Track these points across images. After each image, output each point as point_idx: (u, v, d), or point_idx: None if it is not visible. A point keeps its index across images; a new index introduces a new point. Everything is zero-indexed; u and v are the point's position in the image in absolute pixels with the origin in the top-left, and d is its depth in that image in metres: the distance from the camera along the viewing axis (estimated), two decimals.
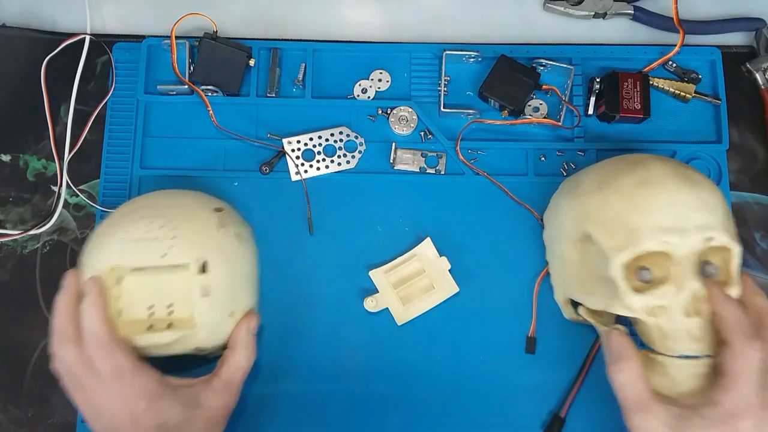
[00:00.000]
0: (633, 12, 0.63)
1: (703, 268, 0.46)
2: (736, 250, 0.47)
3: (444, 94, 0.60)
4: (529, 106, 0.60)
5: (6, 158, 0.61)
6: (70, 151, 0.60)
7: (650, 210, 0.46)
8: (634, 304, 0.46)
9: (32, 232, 0.59)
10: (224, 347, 0.51)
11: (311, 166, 0.59)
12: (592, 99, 0.60)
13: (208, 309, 0.48)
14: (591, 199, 0.49)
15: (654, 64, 0.61)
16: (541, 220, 0.58)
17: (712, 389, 0.44)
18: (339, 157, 0.59)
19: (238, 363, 0.50)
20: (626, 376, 0.45)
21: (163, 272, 0.48)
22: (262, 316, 0.56)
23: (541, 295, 0.56)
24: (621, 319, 0.51)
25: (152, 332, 0.48)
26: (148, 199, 0.53)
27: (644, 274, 0.46)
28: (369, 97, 0.61)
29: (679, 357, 0.46)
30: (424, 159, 0.60)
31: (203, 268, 0.49)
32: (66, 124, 0.61)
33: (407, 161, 0.59)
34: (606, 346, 0.48)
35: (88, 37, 0.62)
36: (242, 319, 0.51)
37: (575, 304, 0.54)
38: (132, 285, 0.48)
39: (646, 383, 0.44)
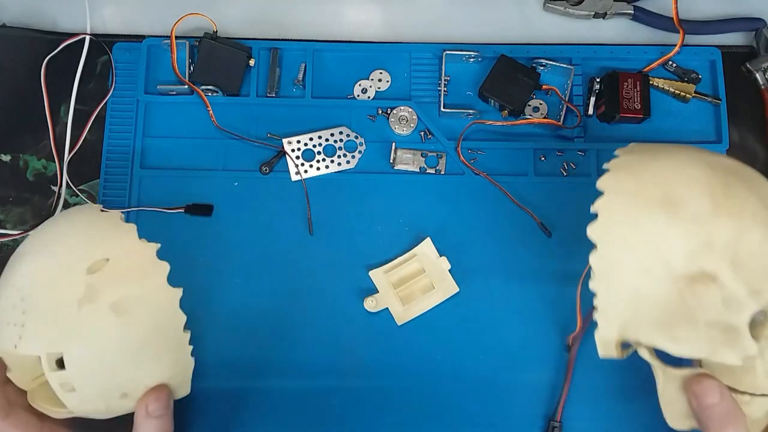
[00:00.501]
0: (633, 12, 0.63)
1: None
2: None
3: (444, 94, 0.60)
4: (529, 106, 0.60)
5: (6, 158, 0.61)
6: (70, 151, 0.60)
7: None
8: (752, 352, 0.39)
9: (32, 232, 0.59)
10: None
11: (311, 166, 0.59)
12: (592, 99, 0.60)
13: (80, 402, 0.42)
14: (715, 227, 0.39)
15: (654, 64, 0.61)
16: (542, 224, 0.57)
17: None
18: (339, 157, 0.59)
19: None
20: None
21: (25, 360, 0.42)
22: (261, 317, 0.56)
23: (539, 299, 0.56)
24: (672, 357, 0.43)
25: (56, 405, 0.43)
26: (20, 256, 0.44)
27: (760, 316, 0.40)
28: (369, 97, 0.61)
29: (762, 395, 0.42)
30: (424, 159, 0.60)
31: (60, 363, 0.41)
32: (66, 124, 0.61)
33: (407, 161, 0.59)
34: (700, 398, 0.41)
35: (88, 37, 0.62)
36: (141, 400, 0.43)
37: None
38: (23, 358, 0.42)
39: None
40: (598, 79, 0.60)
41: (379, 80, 0.62)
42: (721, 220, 0.39)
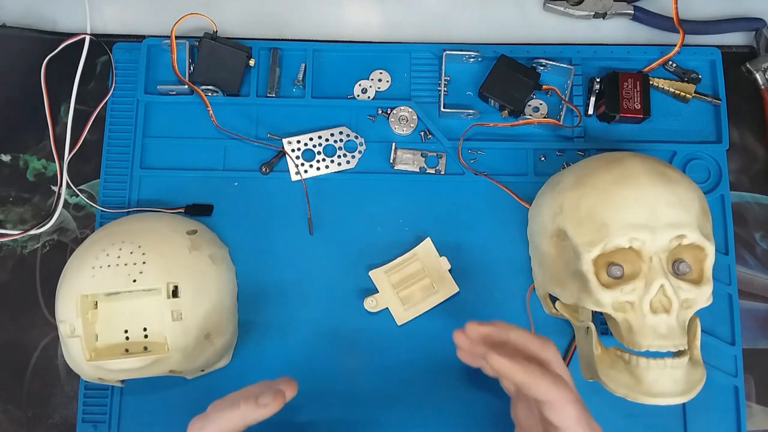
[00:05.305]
0: (633, 12, 0.63)
1: (676, 266, 0.46)
2: (709, 249, 0.47)
3: (444, 94, 0.60)
4: (529, 106, 0.60)
5: (6, 158, 0.61)
6: (70, 151, 0.60)
7: (621, 206, 0.46)
8: (602, 299, 0.47)
9: (32, 232, 0.59)
10: (201, 369, 0.52)
11: (311, 166, 0.59)
12: (592, 99, 0.60)
13: (180, 333, 0.49)
14: (567, 195, 0.50)
15: (654, 64, 0.61)
16: None
17: None
18: (339, 157, 0.59)
19: None
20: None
21: (135, 297, 0.49)
22: (262, 316, 0.57)
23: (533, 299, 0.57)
24: (596, 316, 0.51)
25: (127, 356, 0.49)
26: (119, 225, 0.54)
27: (614, 270, 0.47)
28: (369, 97, 0.61)
29: (645, 354, 0.46)
30: (424, 159, 0.60)
31: (174, 293, 0.49)
32: (66, 124, 0.61)
33: (407, 161, 0.59)
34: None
35: (88, 37, 0.62)
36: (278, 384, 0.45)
37: (553, 299, 0.53)
38: (106, 310, 0.50)
39: None
40: (598, 79, 0.60)
41: (379, 80, 0.62)
42: (573, 190, 0.49)
